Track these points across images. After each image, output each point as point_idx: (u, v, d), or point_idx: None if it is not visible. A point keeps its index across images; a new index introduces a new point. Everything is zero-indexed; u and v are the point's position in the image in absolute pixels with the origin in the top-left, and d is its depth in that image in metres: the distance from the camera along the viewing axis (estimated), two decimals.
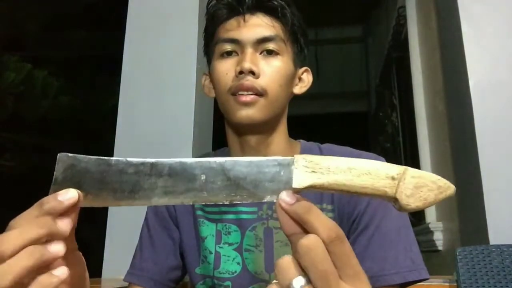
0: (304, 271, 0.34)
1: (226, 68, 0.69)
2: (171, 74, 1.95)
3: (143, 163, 0.38)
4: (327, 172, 0.36)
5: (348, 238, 0.67)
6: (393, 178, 0.36)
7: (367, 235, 0.67)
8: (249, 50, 0.68)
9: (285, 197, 0.36)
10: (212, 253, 0.73)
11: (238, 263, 0.72)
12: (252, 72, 0.67)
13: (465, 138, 1.79)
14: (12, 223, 0.35)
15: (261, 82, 0.68)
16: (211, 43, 0.75)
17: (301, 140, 0.79)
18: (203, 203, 0.73)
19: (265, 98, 0.68)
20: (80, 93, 5.67)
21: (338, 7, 4.75)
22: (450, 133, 2.13)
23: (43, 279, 0.34)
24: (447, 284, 1.36)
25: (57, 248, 0.34)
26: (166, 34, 2.01)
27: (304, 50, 0.76)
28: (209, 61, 0.76)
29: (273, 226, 0.71)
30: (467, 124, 1.74)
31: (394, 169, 0.36)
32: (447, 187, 0.36)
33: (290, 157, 0.38)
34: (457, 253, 1.29)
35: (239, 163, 0.38)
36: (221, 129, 0.82)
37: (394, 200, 0.36)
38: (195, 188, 0.38)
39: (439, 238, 2.49)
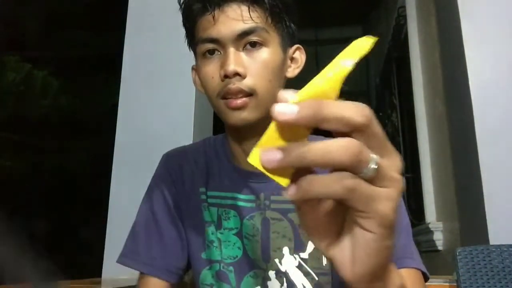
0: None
1: (210, 71, 0.67)
2: (171, 74, 1.95)
3: None
4: None
5: None
6: None
7: None
8: (231, 50, 0.65)
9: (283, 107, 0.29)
10: (216, 239, 0.73)
11: (239, 248, 0.72)
12: (237, 74, 0.64)
13: (465, 138, 1.79)
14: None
15: (249, 82, 0.65)
16: (192, 40, 0.72)
17: None
18: (206, 187, 0.74)
19: (255, 97, 0.65)
20: (80, 93, 5.67)
21: (338, 7, 4.74)
22: (450, 133, 2.13)
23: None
24: (447, 284, 1.36)
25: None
26: (166, 34, 2.01)
27: (291, 28, 0.71)
28: (195, 55, 0.73)
29: (270, 217, 0.71)
30: (467, 124, 1.74)
31: None
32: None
33: None
34: (457, 253, 1.29)
35: None
36: (220, 128, 0.82)
37: None
38: None
39: (439, 238, 2.49)
